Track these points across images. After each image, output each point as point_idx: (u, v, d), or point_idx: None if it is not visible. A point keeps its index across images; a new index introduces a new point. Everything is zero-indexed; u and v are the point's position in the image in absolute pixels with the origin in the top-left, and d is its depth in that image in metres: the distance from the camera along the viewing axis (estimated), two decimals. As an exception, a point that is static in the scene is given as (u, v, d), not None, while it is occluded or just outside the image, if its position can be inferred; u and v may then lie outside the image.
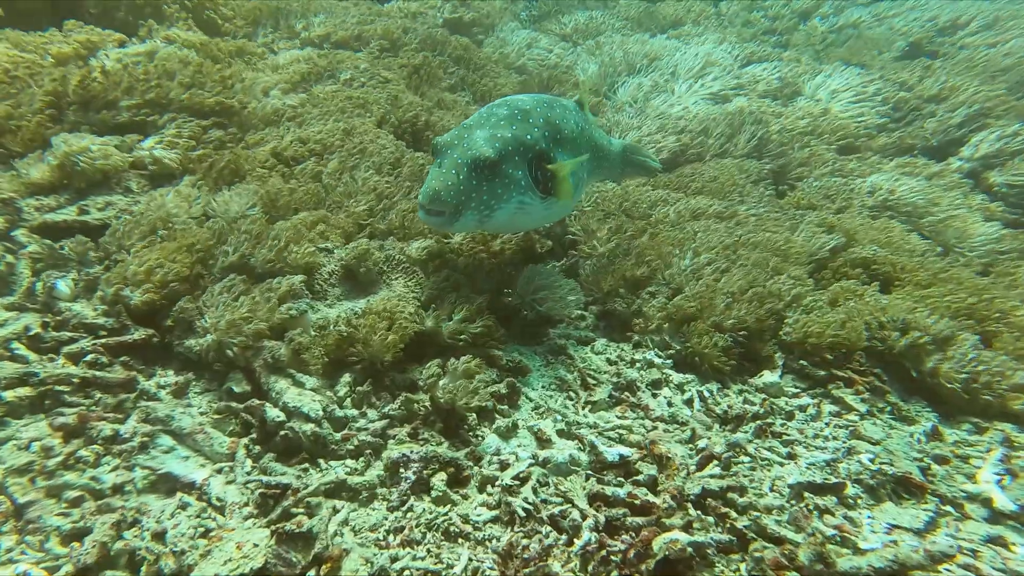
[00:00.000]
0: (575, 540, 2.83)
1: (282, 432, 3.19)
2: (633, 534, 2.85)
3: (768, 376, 4.28)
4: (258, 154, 4.96)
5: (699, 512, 3.03)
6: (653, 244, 5.09)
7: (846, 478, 3.44)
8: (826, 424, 3.94)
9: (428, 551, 2.83)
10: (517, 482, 3.12)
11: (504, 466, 3.26)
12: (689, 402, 3.99)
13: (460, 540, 2.90)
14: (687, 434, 3.68)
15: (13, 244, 4.13)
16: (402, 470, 3.12)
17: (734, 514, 3.08)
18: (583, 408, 3.78)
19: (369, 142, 5.29)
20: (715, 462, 3.39)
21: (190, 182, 4.61)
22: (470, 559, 2.80)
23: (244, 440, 3.21)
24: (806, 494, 3.32)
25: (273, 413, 3.24)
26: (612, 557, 2.75)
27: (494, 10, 10.03)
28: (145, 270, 3.54)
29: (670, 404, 3.94)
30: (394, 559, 2.75)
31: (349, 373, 3.59)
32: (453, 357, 3.57)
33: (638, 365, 4.23)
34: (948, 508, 3.35)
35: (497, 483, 3.13)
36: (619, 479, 3.22)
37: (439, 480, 3.11)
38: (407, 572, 2.72)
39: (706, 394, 4.06)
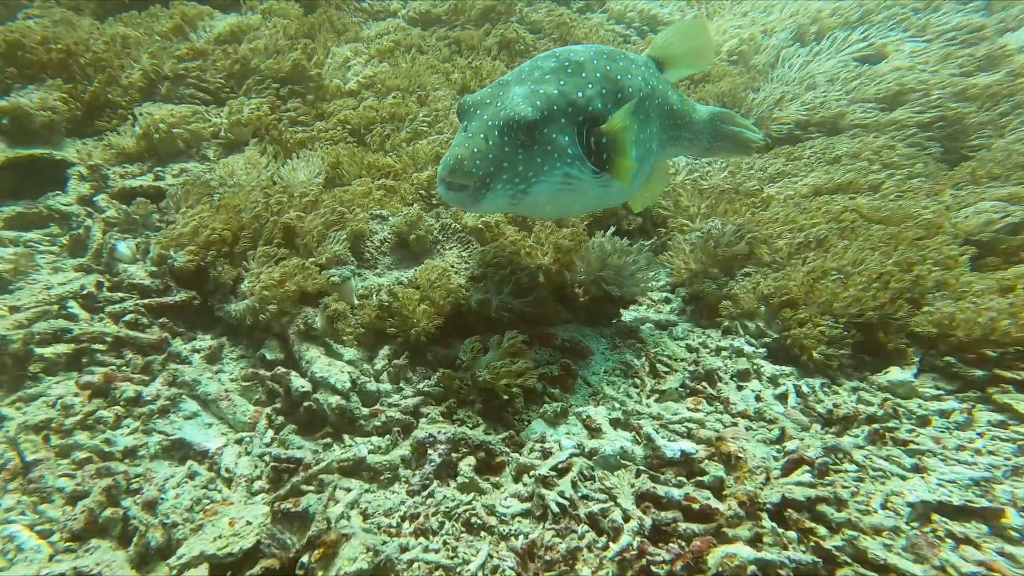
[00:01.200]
0: (611, 544, 2.37)
1: (306, 403, 2.94)
2: (684, 543, 2.35)
3: (896, 373, 3.60)
4: (330, 122, 4.82)
5: (775, 524, 2.47)
6: (755, 220, 4.46)
7: (1008, 503, 2.71)
8: (979, 435, 3.21)
9: (444, 543, 2.47)
10: (555, 473, 2.69)
11: (546, 455, 2.83)
12: (782, 397, 3.39)
13: (482, 533, 2.51)
14: (775, 433, 3.09)
15: (95, 209, 4.22)
16: (429, 451, 2.78)
17: (823, 530, 2.48)
18: (647, 397, 3.27)
19: (444, 112, 5.02)
20: (805, 467, 2.79)
21: (260, 149, 4.53)
22: (489, 555, 2.41)
23: (267, 410, 2.99)
24: (936, 516, 2.67)
25: (298, 383, 2.99)
26: (654, 568, 2.27)
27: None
28: (189, 231, 3.43)
29: (758, 398, 3.36)
30: (403, 549, 2.41)
31: (389, 346, 3.31)
32: (500, 333, 3.19)
33: (724, 353, 3.66)
34: None
35: (534, 472, 2.71)
36: (678, 479, 2.70)
37: (467, 465, 2.74)
38: (416, 565, 2.37)
39: (805, 389, 3.44)
